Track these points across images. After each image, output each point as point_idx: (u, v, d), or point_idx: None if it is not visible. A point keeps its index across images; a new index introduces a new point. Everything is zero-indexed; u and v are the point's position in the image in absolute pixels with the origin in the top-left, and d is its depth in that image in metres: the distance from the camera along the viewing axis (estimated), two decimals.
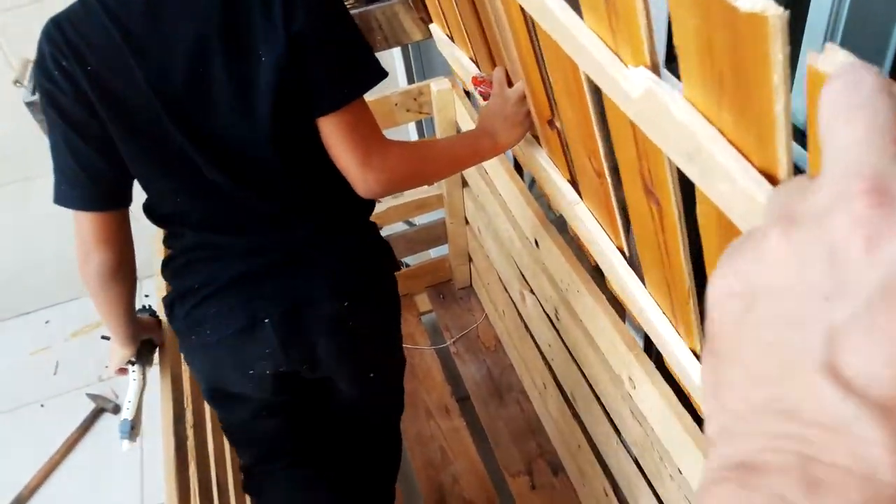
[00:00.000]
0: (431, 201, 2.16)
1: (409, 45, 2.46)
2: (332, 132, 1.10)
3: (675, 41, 0.53)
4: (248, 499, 1.78)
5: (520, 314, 1.92)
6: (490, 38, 1.27)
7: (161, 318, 1.51)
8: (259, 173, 1.14)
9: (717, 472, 0.30)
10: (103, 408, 2.40)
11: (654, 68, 0.62)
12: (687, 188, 0.75)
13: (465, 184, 2.07)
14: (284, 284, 1.20)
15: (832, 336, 0.27)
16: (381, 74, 1.12)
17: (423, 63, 2.53)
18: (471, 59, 1.59)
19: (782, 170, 0.50)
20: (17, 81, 1.88)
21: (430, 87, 1.90)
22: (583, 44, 0.70)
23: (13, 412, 2.48)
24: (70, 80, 1.04)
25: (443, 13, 1.65)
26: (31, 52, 1.95)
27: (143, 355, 1.43)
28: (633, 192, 0.86)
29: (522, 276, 1.77)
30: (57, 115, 1.06)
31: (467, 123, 1.85)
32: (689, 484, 1.16)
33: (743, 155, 0.53)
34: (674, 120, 0.57)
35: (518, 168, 1.69)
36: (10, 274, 2.71)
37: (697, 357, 0.99)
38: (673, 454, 1.18)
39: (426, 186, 2.06)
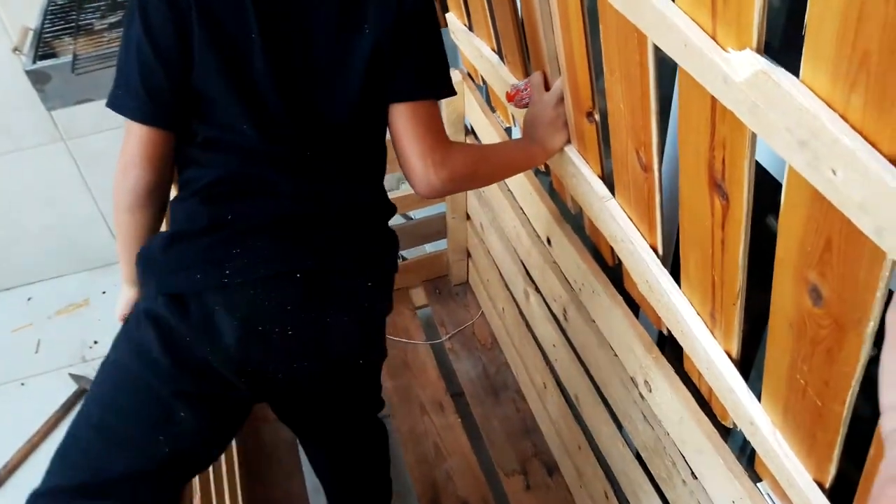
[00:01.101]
0: None
1: None
2: (404, 121, 1.12)
3: (810, 19, 0.51)
4: (236, 470, 1.74)
5: (521, 313, 1.90)
6: (527, 20, 1.24)
7: None
8: (325, 133, 1.11)
9: (891, 470, 0.30)
10: (86, 389, 2.32)
11: (760, 51, 0.60)
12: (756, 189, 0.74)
13: None
14: (320, 244, 1.11)
15: None
16: (452, 90, 1.17)
17: None
18: (493, 50, 1.57)
19: None
20: (16, 49, 1.82)
21: None
22: (673, 23, 0.68)
23: None
24: None
25: (464, 2, 1.63)
26: (31, 20, 1.92)
27: None
28: (692, 187, 0.84)
29: (528, 274, 1.75)
30: (140, 22, 1.03)
31: (477, 115, 1.83)
32: (703, 488, 1.15)
33: (870, 143, 0.51)
34: (790, 103, 0.55)
35: None
36: None
37: (732, 360, 0.97)
38: (689, 458, 1.16)
39: None
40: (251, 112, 1.06)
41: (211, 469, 1.46)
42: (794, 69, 0.57)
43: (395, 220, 2.26)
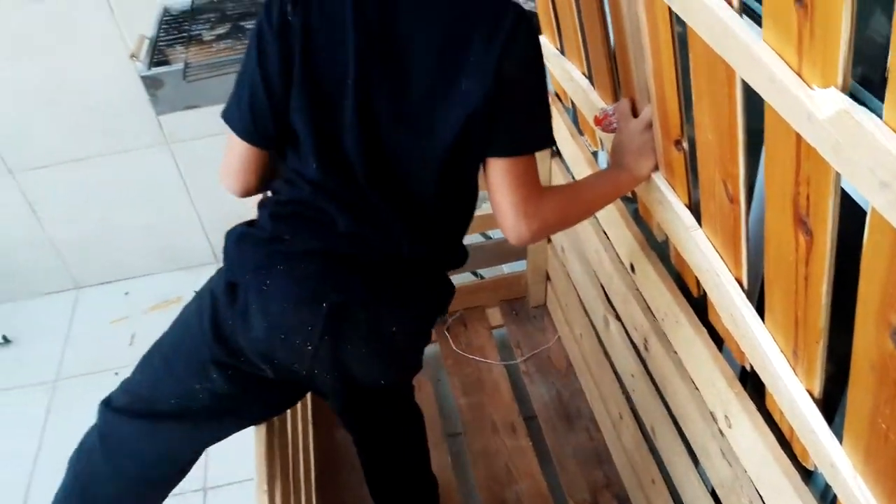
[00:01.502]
0: None
1: None
2: (500, 175, 1.14)
3: (893, 60, 0.50)
4: (312, 475, 1.80)
5: (600, 340, 1.88)
6: (619, 49, 1.25)
7: None
8: (401, 181, 1.16)
9: None
10: None
11: (846, 90, 0.59)
12: (845, 221, 0.73)
13: None
14: (355, 282, 1.19)
15: None
16: (552, 141, 1.19)
17: None
18: (583, 74, 1.58)
19: None
20: (133, 56, 1.92)
21: None
22: (759, 59, 0.68)
23: (87, 376, 2.53)
24: (284, 24, 1.09)
25: (556, 24, 1.64)
26: (147, 30, 2.03)
27: None
28: (777, 221, 0.83)
29: (609, 300, 1.74)
30: (255, 49, 1.12)
31: (564, 137, 1.83)
32: None
33: None
34: (872, 144, 0.54)
35: None
36: (96, 243, 2.77)
37: (814, 399, 0.95)
38: (767, 498, 1.13)
39: None
40: (325, 153, 1.14)
41: (288, 471, 1.52)
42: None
43: (474, 239, 2.30)
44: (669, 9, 0.92)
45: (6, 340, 2.70)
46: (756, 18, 0.75)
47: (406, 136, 1.12)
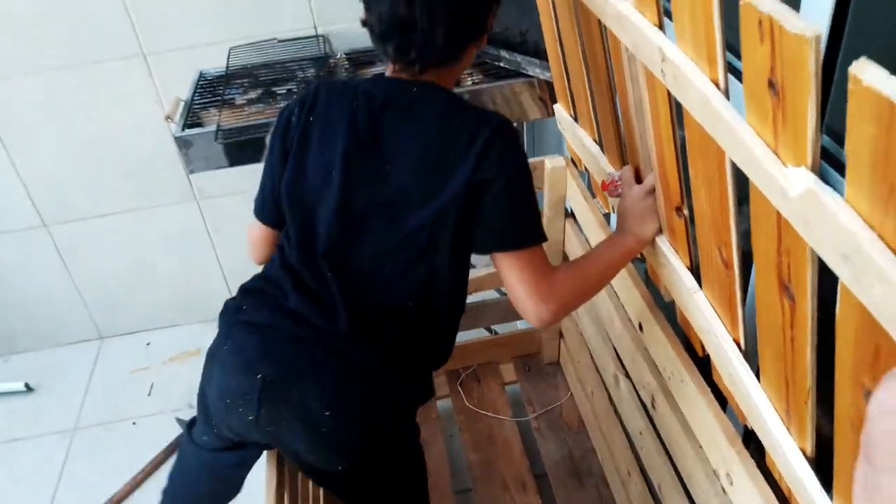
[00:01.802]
0: None
1: (526, 123, 2.55)
2: (505, 268, 1.22)
3: (848, 148, 0.56)
4: None
5: (610, 397, 1.92)
6: (624, 122, 1.32)
7: None
8: (366, 271, 1.25)
9: None
10: None
11: (815, 170, 0.65)
12: (824, 289, 0.78)
13: (565, 256, 2.10)
14: (291, 358, 1.25)
15: None
16: (541, 235, 1.24)
17: (534, 139, 2.61)
18: (594, 140, 1.65)
19: None
20: (168, 118, 2.02)
21: (544, 163, 1.95)
22: (741, 138, 0.74)
23: (107, 425, 2.60)
24: (287, 125, 1.29)
25: (570, 95, 1.72)
26: (183, 92, 2.14)
27: None
28: (765, 286, 0.89)
29: (619, 358, 1.78)
30: (269, 146, 1.32)
31: (578, 200, 1.89)
32: None
33: None
34: (834, 221, 0.60)
35: None
36: (121, 295, 2.86)
37: (807, 458, 0.99)
38: None
39: None
40: (301, 236, 1.28)
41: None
42: None
43: (488, 295, 2.36)
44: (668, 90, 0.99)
45: (29, 388, 2.78)
46: None
47: (379, 228, 1.23)
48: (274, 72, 2.24)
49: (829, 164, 0.72)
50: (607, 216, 1.81)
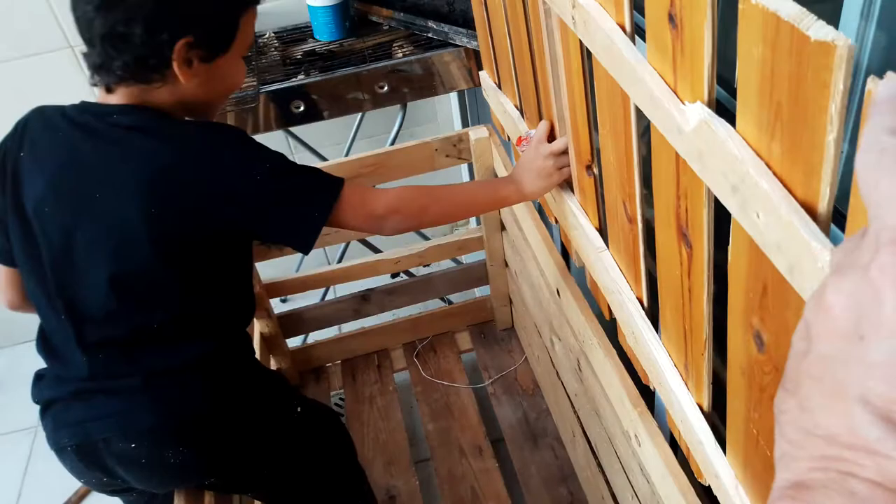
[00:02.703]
0: (472, 243, 2.20)
1: (466, 92, 2.55)
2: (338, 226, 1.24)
3: (739, 72, 0.56)
4: None
5: (552, 360, 1.93)
6: (541, 81, 1.31)
7: None
8: (83, 296, 1.20)
9: (777, 492, 0.36)
10: None
11: (711, 105, 0.65)
12: (719, 234, 0.78)
13: (503, 227, 2.10)
14: (82, 415, 1.24)
15: (866, 371, 0.32)
16: (333, 187, 1.21)
17: (478, 108, 2.61)
18: (515, 106, 1.64)
19: (823, 203, 0.53)
20: None
21: (469, 134, 1.94)
22: (643, 78, 0.74)
23: None
24: (4, 157, 1.21)
25: (495, 60, 1.71)
26: None
27: None
28: (665, 237, 0.89)
29: (552, 322, 1.79)
30: None
31: (503, 171, 1.89)
32: None
33: (787, 187, 0.55)
34: (725, 150, 0.60)
35: (544, 217, 1.72)
36: None
37: (703, 412, 1.00)
38: None
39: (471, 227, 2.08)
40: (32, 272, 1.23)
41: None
42: None
43: (441, 266, 2.33)
44: (580, 40, 0.99)
45: None
46: None
47: (85, 255, 1.17)
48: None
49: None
50: None
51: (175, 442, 1.24)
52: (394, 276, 2.37)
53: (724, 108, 0.82)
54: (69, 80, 2.30)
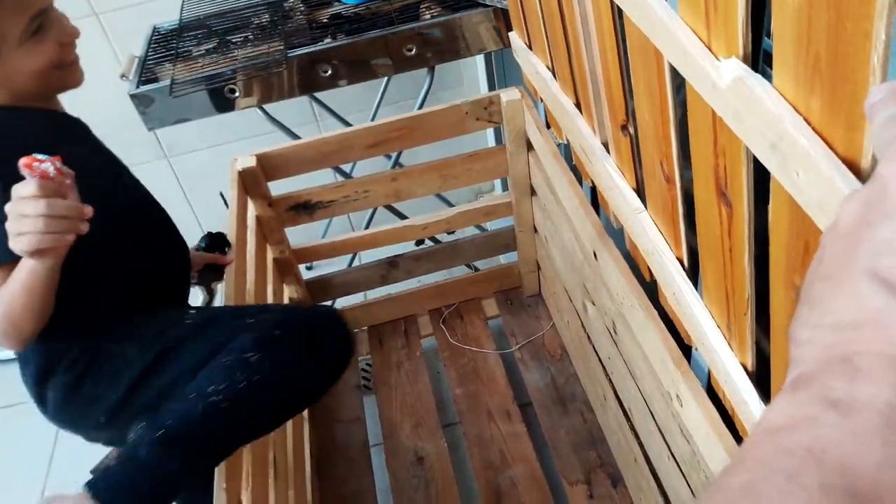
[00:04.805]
0: (500, 209, 2.18)
1: (493, 54, 2.51)
2: None
3: (774, 26, 0.54)
4: (307, 477, 1.83)
5: (583, 325, 1.92)
6: (573, 40, 1.29)
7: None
8: None
9: (779, 392, 0.36)
10: None
11: (746, 61, 0.63)
12: (760, 192, 0.76)
13: (533, 192, 2.08)
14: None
15: (874, 247, 0.33)
16: None
17: (504, 72, 2.58)
18: (547, 67, 1.62)
19: (867, 158, 0.51)
20: (123, 75, 1.97)
21: (500, 97, 1.92)
22: (675, 35, 0.72)
23: None
24: None
25: (524, 20, 1.68)
26: (137, 49, 2.08)
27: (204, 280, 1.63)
28: (704, 197, 0.87)
29: (585, 287, 1.78)
30: None
31: (533, 133, 1.87)
32: None
33: (828, 144, 0.54)
34: (762, 108, 0.58)
35: (579, 179, 1.70)
36: None
37: (748, 372, 0.98)
38: (715, 474, 1.17)
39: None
40: None
41: (282, 464, 1.56)
42: None
43: (468, 232, 2.32)
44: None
45: None
46: None
47: None
48: (227, 20, 2.17)
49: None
50: (560, 146, 1.79)
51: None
52: (418, 243, 2.37)
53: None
54: (96, 48, 2.31)
